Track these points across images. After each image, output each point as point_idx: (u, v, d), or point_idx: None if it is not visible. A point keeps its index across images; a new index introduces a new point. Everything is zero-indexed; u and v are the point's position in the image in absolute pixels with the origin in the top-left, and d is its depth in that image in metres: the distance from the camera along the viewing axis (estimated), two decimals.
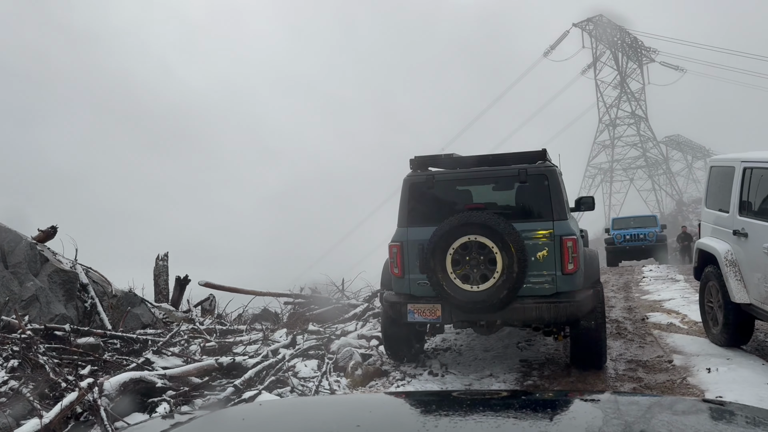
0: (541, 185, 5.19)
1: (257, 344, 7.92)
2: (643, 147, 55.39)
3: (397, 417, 1.31)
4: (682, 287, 9.14)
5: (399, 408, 1.44)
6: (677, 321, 6.79)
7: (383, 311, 5.93)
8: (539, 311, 4.98)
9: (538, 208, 5.23)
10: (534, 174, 5.20)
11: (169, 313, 9.46)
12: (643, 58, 53.89)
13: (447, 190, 5.53)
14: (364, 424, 1.19)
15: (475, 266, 5.01)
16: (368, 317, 8.94)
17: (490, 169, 5.50)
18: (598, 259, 6.12)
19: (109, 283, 8.21)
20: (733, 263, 5.24)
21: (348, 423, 1.21)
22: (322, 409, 1.49)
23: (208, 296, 10.83)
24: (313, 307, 12.44)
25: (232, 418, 1.44)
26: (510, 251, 4.86)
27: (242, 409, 1.81)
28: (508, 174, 5.35)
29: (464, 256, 5.01)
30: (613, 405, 1.31)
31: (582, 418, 1.22)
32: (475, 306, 5.00)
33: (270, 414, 1.43)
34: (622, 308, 7.99)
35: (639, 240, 17.42)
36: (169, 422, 1.36)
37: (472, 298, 4.97)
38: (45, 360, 5.03)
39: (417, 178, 5.49)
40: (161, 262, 11.51)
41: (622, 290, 9.74)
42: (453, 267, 5.02)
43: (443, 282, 5.02)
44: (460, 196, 5.56)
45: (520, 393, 2.43)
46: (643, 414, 1.22)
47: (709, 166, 6.11)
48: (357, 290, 13.09)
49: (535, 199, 5.27)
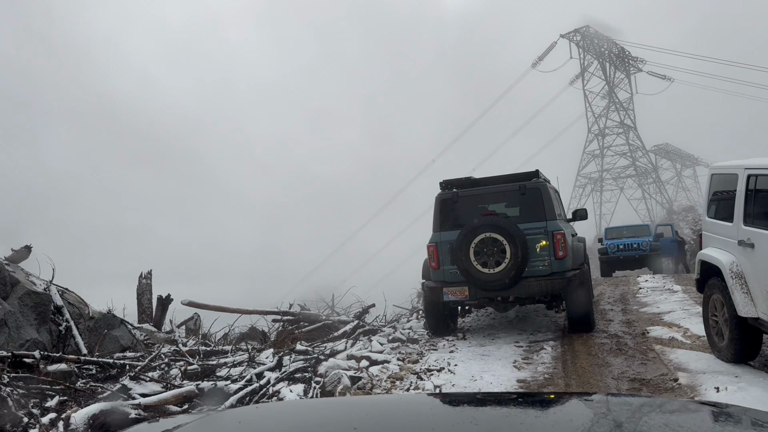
0: (536, 196, 7.07)
1: (242, 366, 7.59)
2: (632, 156, 55.59)
3: (393, 419, 1.31)
4: (681, 299, 8.89)
5: (395, 410, 1.43)
6: (679, 335, 6.52)
7: (425, 296, 7.83)
8: (539, 286, 6.84)
9: (535, 212, 7.04)
10: (531, 188, 7.12)
11: (151, 335, 9.08)
12: (630, 67, 54.27)
13: (468, 203, 7.35)
14: (360, 427, 1.18)
15: (491, 255, 6.85)
16: (358, 335, 8.60)
17: (498, 186, 7.41)
18: (584, 248, 8.46)
19: (86, 304, 7.84)
20: (738, 275, 4.99)
21: (345, 425, 1.21)
22: (320, 412, 1.49)
23: (192, 315, 10.45)
24: (303, 324, 12.11)
25: (229, 420, 1.42)
26: (515, 243, 6.72)
27: (239, 412, 1.78)
28: (512, 189, 7.24)
29: (482, 248, 6.87)
30: (611, 406, 1.31)
31: (578, 419, 1.21)
32: (492, 284, 6.86)
33: (267, 416, 1.44)
34: (620, 322, 7.72)
35: (633, 249, 17.20)
36: (169, 423, 1.36)
37: (489, 279, 6.83)
38: (9, 392, 4.66)
39: (445, 195, 7.47)
40: (144, 280, 11.14)
41: (619, 302, 9.49)
42: (475, 257, 6.88)
43: (468, 268, 6.89)
44: (478, 206, 7.28)
45: (517, 394, 2.48)
46: (641, 414, 1.23)
47: (710, 173, 5.87)
48: (348, 306, 12.77)
49: (532, 206, 7.09)
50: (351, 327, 9.03)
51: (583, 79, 55.63)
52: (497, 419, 1.23)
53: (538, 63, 54.41)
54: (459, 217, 7.25)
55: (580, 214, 8.48)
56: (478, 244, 6.83)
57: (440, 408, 1.43)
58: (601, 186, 56.63)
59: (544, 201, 6.99)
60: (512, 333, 7.43)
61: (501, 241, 6.75)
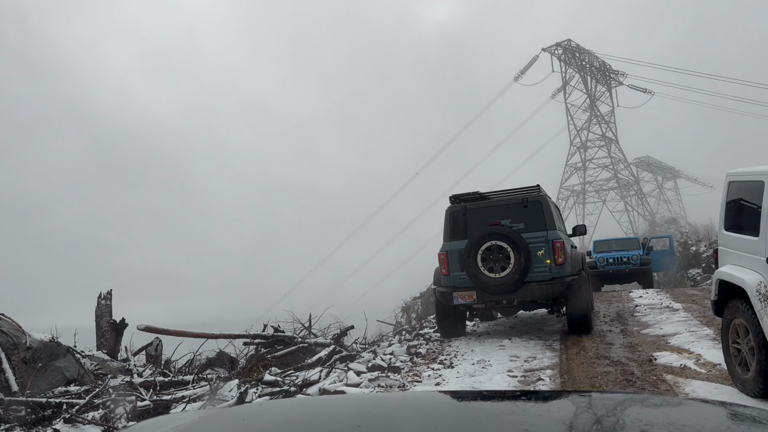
0: (537, 208, 7.69)
1: (203, 400, 6.74)
2: (614, 168, 55.68)
3: (396, 416, 1.28)
4: (684, 318, 8.22)
5: (399, 407, 1.40)
6: (691, 363, 5.83)
7: (436, 301, 8.37)
8: (541, 290, 7.43)
9: (536, 222, 7.63)
10: (533, 201, 7.74)
11: (103, 364, 8.15)
12: (611, 81, 54.58)
13: (475, 215, 7.92)
14: (364, 425, 1.17)
15: (497, 261, 7.46)
16: (335, 362, 7.77)
17: (503, 199, 8.05)
18: (582, 257, 9.54)
19: (24, 332, 6.92)
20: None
21: (349, 423, 1.20)
22: (323, 409, 1.44)
23: (152, 340, 9.53)
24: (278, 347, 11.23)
25: (232, 418, 1.39)
26: (519, 250, 7.35)
27: (243, 409, 1.74)
28: (516, 201, 7.83)
29: (489, 255, 7.49)
30: (615, 403, 1.30)
31: (583, 416, 1.17)
32: (498, 288, 7.47)
33: (271, 414, 1.43)
34: (622, 346, 7.01)
35: (623, 263, 16.60)
36: (169, 422, 1.32)
37: (496, 283, 7.44)
38: None
39: (454, 208, 8.06)
40: (103, 301, 10.19)
41: (617, 322, 8.80)
42: (482, 263, 7.50)
43: (476, 273, 7.50)
44: (484, 217, 7.82)
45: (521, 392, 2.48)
46: (645, 411, 1.23)
47: (727, 181, 5.20)
48: (326, 326, 11.96)
49: (533, 217, 7.68)
50: (327, 353, 8.21)
51: (565, 92, 55.76)
52: (501, 416, 1.21)
53: (520, 76, 54.44)
54: (467, 228, 7.87)
55: (579, 230, 9.17)
56: (485, 251, 7.47)
57: (443, 405, 1.43)
58: (584, 198, 56.61)
59: (544, 213, 7.63)
60: (504, 360, 6.68)
61: (506, 248, 7.37)
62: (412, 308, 22.92)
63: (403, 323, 19.55)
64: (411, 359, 7.41)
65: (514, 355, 7.00)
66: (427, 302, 21.89)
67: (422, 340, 8.72)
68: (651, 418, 1.16)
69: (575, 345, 7.25)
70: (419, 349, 7.85)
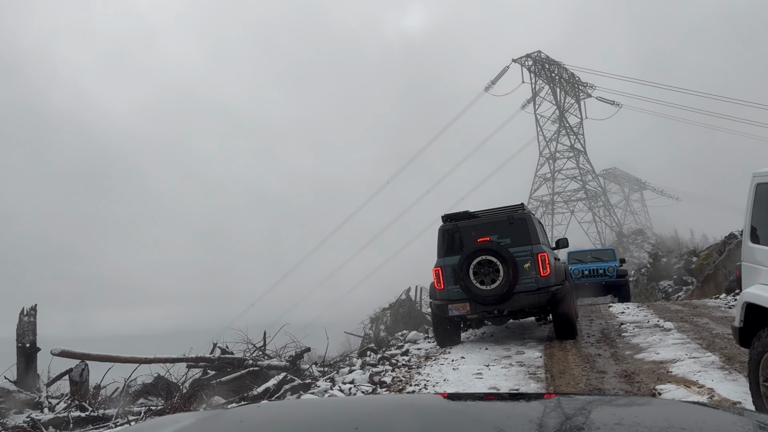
0: (523, 225, 8.37)
1: None
2: (582, 179, 55.95)
3: (394, 419, 1.27)
4: (680, 340, 7.37)
5: (397, 410, 1.38)
6: (704, 400, 4.92)
7: (432, 312, 9.24)
8: (529, 299, 8.05)
9: (522, 238, 8.27)
10: (518, 218, 8.43)
11: (7, 396, 6.86)
12: (580, 93, 54.93)
13: (466, 232, 8.52)
14: (362, 426, 1.16)
15: (487, 274, 8.02)
16: (284, 393, 6.64)
17: (491, 217, 8.79)
18: (565, 268, 10.13)
19: None
20: None
21: (346, 425, 1.19)
22: (321, 412, 1.43)
23: (76, 365, 8.24)
24: (228, 370, 10.04)
25: (231, 419, 1.38)
26: (507, 264, 7.92)
27: (241, 411, 1.62)
28: (502, 219, 8.55)
29: (480, 269, 8.04)
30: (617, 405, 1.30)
31: (583, 417, 1.14)
32: (489, 299, 8.03)
33: (269, 415, 1.42)
34: (615, 374, 6.10)
35: (599, 275, 15.90)
36: (169, 422, 1.31)
37: (487, 294, 7.99)
38: None
39: (447, 226, 8.69)
40: (26, 318, 8.85)
41: (604, 344, 7.91)
42: (474, 276, 8.07)
43: (469, 286, 8.08)
44: (474, 235, 8.37)
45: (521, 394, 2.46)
46: (647, 414, 1.21)
47: (755, 182, 4.31)
48: (281, 346, 10.82)
49: (519, 233, 8.35)
50: (276, 382, 7.08)
51: (535, 103, 55.88)
52: (500, 419, 1.19)
53: (490, 87, 54.40)
54: (459, 244, 8.45)
55: (562, 243, 10.16)
56: (476, 265, 8.01)
57: (442, 407, 1.42)
58: (552, 209, 56.67)
59: (529, 229, 8.28)
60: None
61: (495, 263, 7.94)
62: (381, 319, 21.84)
63: (372, 335, 18.47)
64: (374, 390, 6.37)
65: (493, 386, 6.03)
66: (396, 314, 20.84)
67: (388, 365, 7.68)
68: (654, 422, 1.13)
69: (563, 373, 6.32)
70: (384, 377, 6.80)
